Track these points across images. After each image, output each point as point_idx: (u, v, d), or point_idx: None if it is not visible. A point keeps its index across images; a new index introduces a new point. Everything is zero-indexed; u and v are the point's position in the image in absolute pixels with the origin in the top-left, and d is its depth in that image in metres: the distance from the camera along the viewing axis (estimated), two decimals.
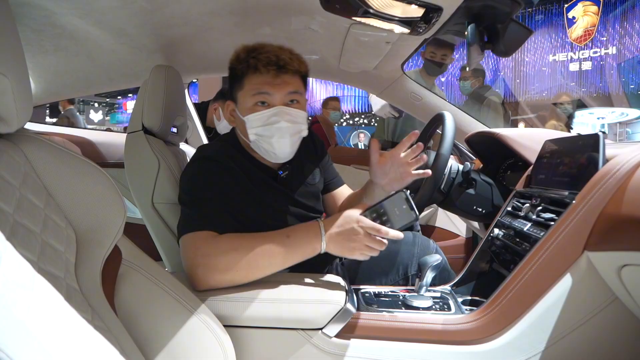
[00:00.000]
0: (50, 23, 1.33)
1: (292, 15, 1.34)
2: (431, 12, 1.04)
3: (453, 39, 3.02)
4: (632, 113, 11.18)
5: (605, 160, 0.97)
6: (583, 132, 1.20)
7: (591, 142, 1.02)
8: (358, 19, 1.18)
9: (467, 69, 3.78)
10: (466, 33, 1.08)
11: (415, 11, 1.06)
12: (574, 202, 0.95)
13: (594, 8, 10.51)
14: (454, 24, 1.16)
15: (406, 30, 1.20)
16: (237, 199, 1.18)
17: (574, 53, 10.91)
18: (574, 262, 0.93)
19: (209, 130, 2.71)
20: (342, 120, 16.86)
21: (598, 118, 11.58)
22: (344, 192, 1.52)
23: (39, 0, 1.20)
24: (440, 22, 1.13)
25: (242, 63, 1.18)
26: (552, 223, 0.99)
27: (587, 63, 10.79)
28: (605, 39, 10.52)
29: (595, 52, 10.71)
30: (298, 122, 1.19)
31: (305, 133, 1.24)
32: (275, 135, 1.17)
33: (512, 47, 1.11)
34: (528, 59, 11.34)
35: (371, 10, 1.08)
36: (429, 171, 1.22)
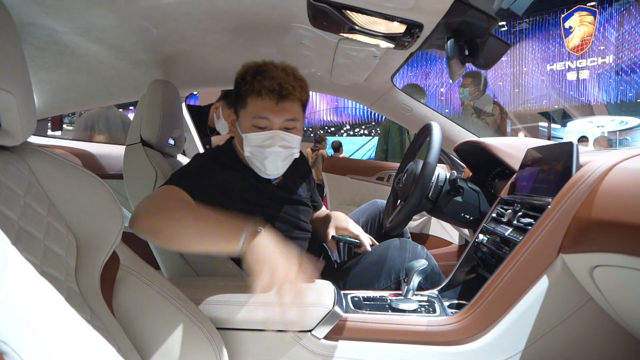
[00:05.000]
0: (52, 41, 1.39)
1: (284, 31, 1.40)
2: (413, 28, 1.10)
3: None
4: (631, 121, 11.25)
5: (579, 167, 1.02)
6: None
7: (566, 150, 1.07)
8: (345, 35, 1.24)
9: (467, 76, 3.82)
10: (446, 47, 1.13)
11: (398, 27, 1.12)
12: (549, 207, 1.00)
13: (590, 18, 10.61)
14: (436, 38, 1.21)
15: (391, 45, 1.26)
16: (224, 194, 1.25)
17: (572, 62, 10.99)
18: (550, 265, 0.97)
19: (211, 130, 2.80)
20: (342, 131, 16.95)
21: (598, 126, 11.66)
22: (321, 214, 1.65)
23: (42, 20, 1.25)
24: (423, 37, 1.19)
25: (247, 84, 1.24)
26: (530, 227, 1.04)
27: (584, 72, 10.86)
28: (602, 47, 10.60)
29: (592, 62, 10.78)
30: (292, 147, 1.28)
31: (297, 155, 1.32)
32: (268, 157, 1.25)
33: (492, 61, 1.16)
34: (526, 68, 11.43)
35: (356, 27, 1.14)
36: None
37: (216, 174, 1.25)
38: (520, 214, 1.16)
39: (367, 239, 1.42)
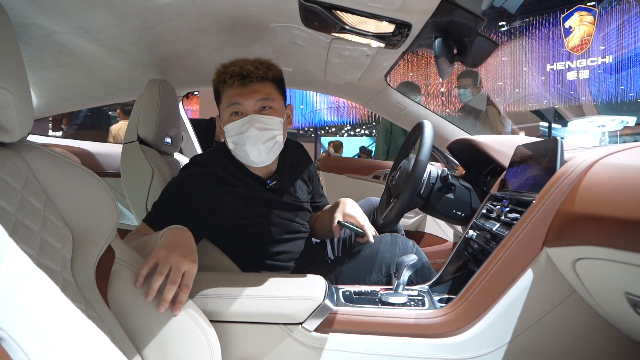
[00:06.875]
0: (50, 41, 1.42)
1: (277, 31, 1.42)
2: (401, 27, 1.13)
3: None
4: (632, 121, 11.24)
5: (564, 162, 1.04)
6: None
7: (551, 146, 1.10)
8: (337, 34, 1.26)
9: (465, 76, 3.80)
10: (434, 46, 1.16)
11: (387, 27, 1.14)
12: (534, 201, 1.02)
13: (590, 18, 10.61)
14: (426, 37, 1.24)
15: (381, 45, 1.29)
16: (214, 205, 1.27)
17: (572, 62, 10.98)
18: (535, 258, 0.99)
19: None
20: (343, 131, 16.95)
21: (598, 126, 11.65)
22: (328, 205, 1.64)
23: (40, 20, 1.28)
24: (412, 36, 1.21)
25: (217, 78, 1.31)
26: (515, 222, 1.06)
27: (584, 72, 10.85)
28: (603, 48, 10.59)
29: (592, 61, 10.78)
30: (270, 129, 1.27)
31: (280, 139, 1.32)
32: (247, 142, 1.26)
33: (479, 59, 1.19)
34: (527, 68, 11.43)
35: (347, 27, 1.16)
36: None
37: (197, 197, 1.26)
38: (507, 209, 1.18)
39: (371, 231, 1.42)
